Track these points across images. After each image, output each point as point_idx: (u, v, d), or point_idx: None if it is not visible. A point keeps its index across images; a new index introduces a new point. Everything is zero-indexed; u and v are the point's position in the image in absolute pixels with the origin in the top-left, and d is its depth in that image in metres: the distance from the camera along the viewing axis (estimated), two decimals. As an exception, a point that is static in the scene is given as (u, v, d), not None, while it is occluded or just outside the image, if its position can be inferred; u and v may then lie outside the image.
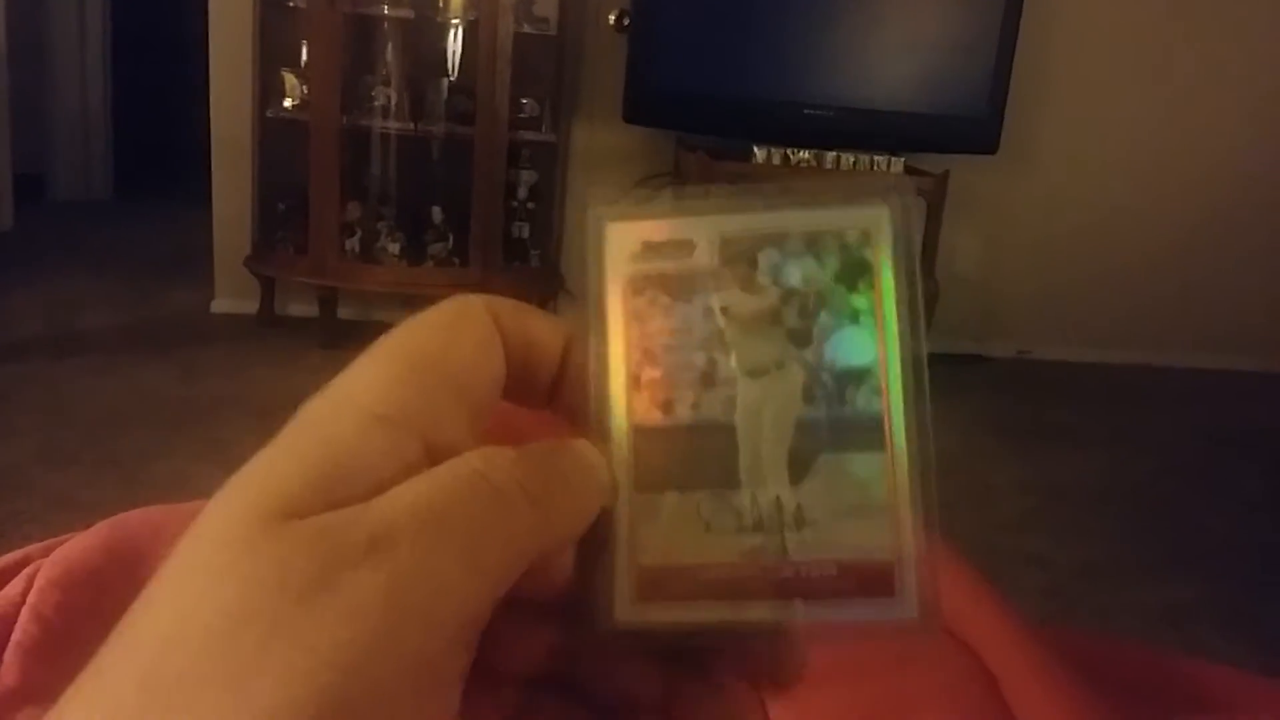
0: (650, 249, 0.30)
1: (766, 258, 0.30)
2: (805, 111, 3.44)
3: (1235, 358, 4.12)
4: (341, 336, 3.48)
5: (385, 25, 3.48)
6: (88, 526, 0.91)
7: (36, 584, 0.75)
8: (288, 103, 3.47)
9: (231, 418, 2.78)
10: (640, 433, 0.30)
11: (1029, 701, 0.64)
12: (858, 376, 0.30)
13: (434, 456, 0.27)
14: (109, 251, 4.52)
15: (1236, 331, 4.14)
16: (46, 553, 0.80)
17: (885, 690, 0.65)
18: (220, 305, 3.75)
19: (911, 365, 0.30)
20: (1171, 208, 4.04)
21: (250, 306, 3.66)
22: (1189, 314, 4.13)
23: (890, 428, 0.30)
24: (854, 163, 3.39)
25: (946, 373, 3.69)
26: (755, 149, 3.37)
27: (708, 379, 0.30)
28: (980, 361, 3.96)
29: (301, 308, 3.65)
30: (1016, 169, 3.84)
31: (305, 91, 3.42)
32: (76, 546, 0.82)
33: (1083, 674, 0.70)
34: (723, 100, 3.45)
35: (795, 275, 0.30)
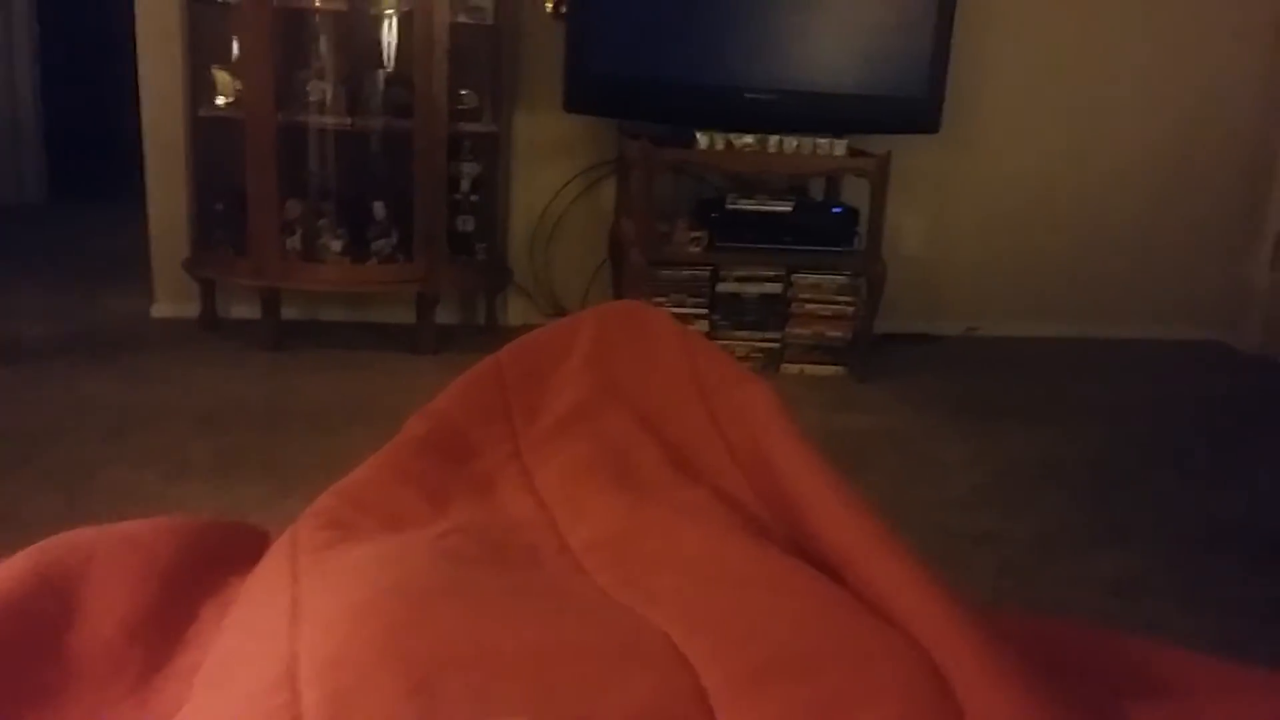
0: None
1: None
2: (747, 96, 3.43)
3: (1182, 329, 4.18)
4: (286, 337, 3.43)
5: (317, 18, 3.42)
6: (23, 547, 0.88)
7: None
8: (220, 100, 3.41)
9: (175, 424, 2.73)
10: None
11: (977, 693, 0.63)
12: None
13: None
14: (44, 257, 4.43)
15: (1183, 303, 4.20)
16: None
17: (834, 687, 0.64)
18: (160, 310, 3.68)
19: None
20: (1116, 181, 4.08)
21: (191, 310, 3.60)
22: (1135, 286, 4.18)
23: None
24: (797, 146, 3.39)
25: (895, 352, 3.70)
26: (698, 135, 3.35)
27: None
28: (929, 340, 3.98)
29: (244, 309, 3.60)
30: (959, 148, 3.86)
31: (238, 88, 3.36)
32: (7, 574, 0.80)
33: (1032, 659, 0.70)
34: (664, 86, 3.43)
35: None
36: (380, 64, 3.47)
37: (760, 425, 0.88)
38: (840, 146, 3.43)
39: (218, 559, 1.09)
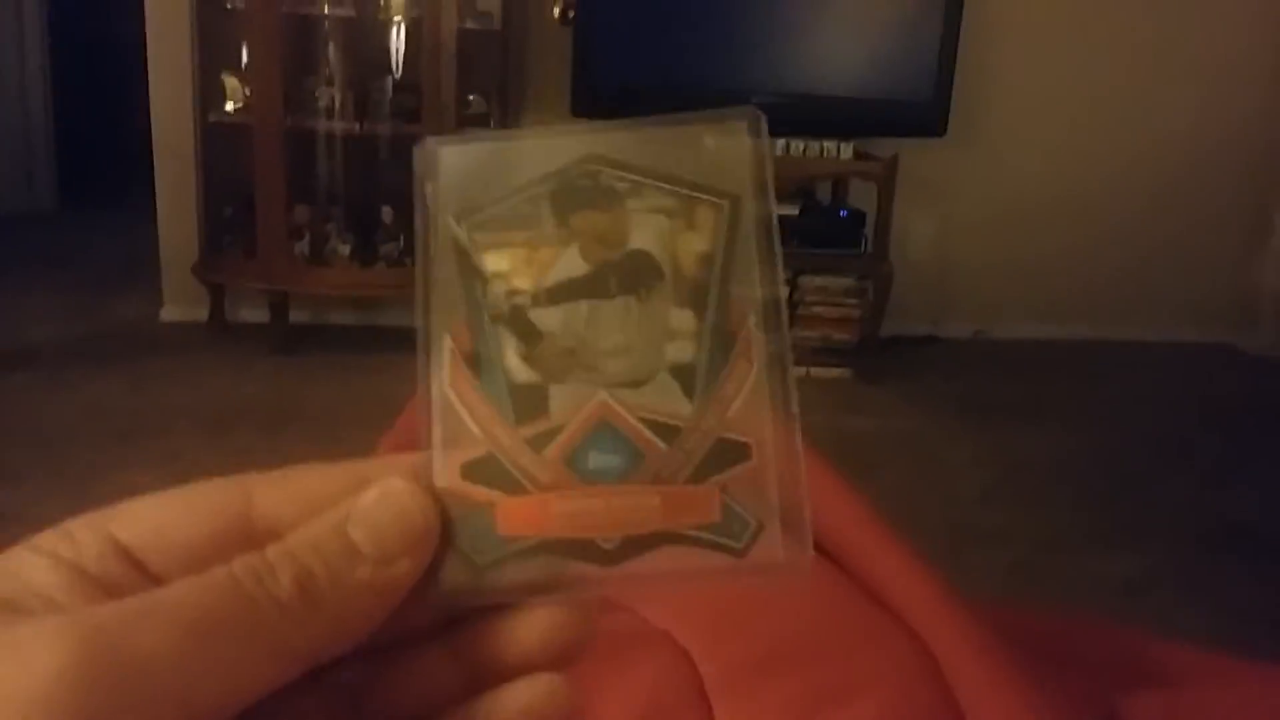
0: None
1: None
2: (754, 100, 3.41)
3: (1190, 330, 4.17)
4: (294, 341, 3.45)
5: (326, 24, 3.44)
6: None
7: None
8: (230, 106, 3.43)
9: (183, 428, 2.74)
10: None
11: (971, 683, 0.64)
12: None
13: None
14: (54, 263, 4.45)
15: (1191, 305, 4.19)
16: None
17: (830, 676, 0.64)
18: (169, 314, 3.70)
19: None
20: (1123, 182, 4.07)
21: (200, 314, 3.61)
22: (1143, 288, 4.17)
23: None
24: (804, 150, 3.40)
25: (902, 354, 3.70)
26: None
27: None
28: (937, 342, 3.98)
29: (252, 313, 3.61)
30: (965, 150, 3.86)
31: (247, 94, 3.37)
32: None
33: (1031, 652, 0.70)
34: (670, 91, 3.44)
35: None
36: (388, 70, 3.49)
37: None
38: (847, 150, 3.43)
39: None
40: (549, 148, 0.30)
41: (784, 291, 0.29)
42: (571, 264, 0.29)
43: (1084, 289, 4.15)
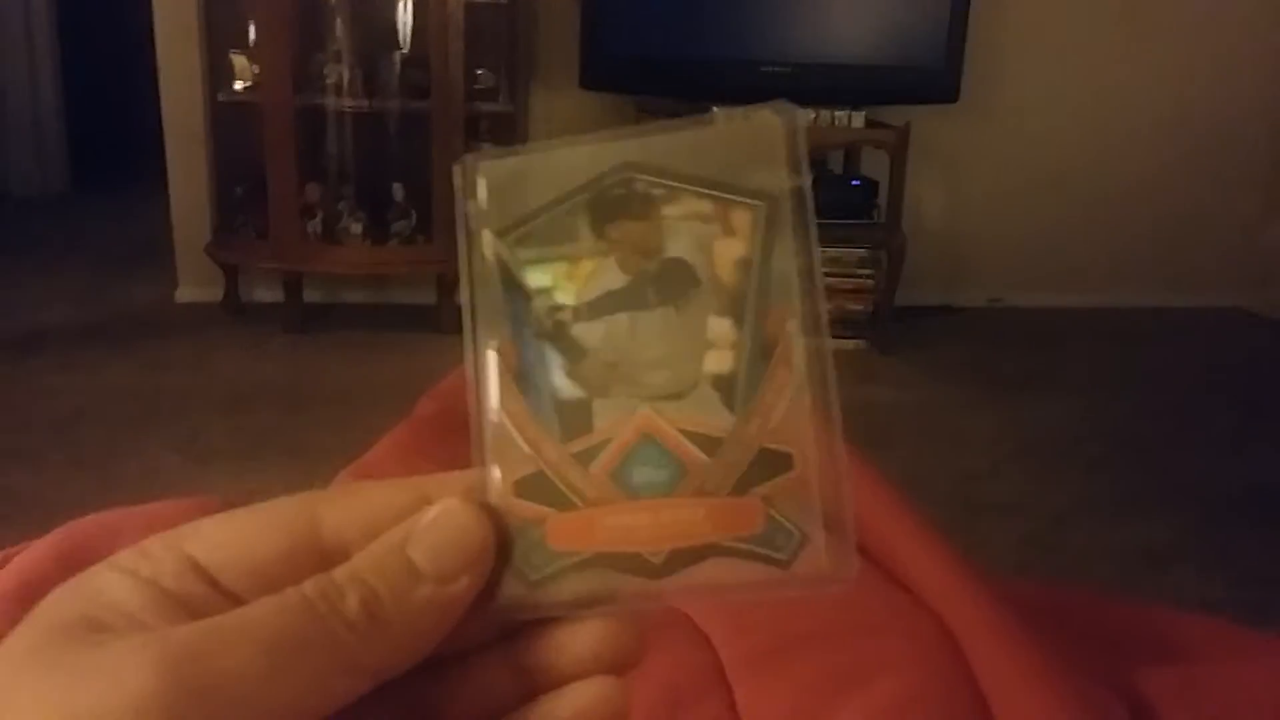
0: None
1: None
2: (763, 69, 3.41)
3: (1206, 296, 4.15)
4: (308, 320, 3.45)
5: (333, 1, 3.43)
6: (51, 529, 0.90)
7: (-13, 597, 0.74)
8: (238, 85, 3.42)
9: (199, 408, 2.75)
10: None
11: (991, 662, 0.64)
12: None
13: None
14: (68, 246, 4.46)
15: (1206, 270, 4.17)
16: (3, 563, 0.79)
17: (849, 658, 0.64)
18: (184, 295, 3.71)
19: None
20: (1138, 149, 4.04)
21: (214, 295, 3.62)
22: (1159, 254, 4.15)
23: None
24: (815, 119, 3.37)
25: (917, 324, 3.69)
26: (715, 110, 3.33)
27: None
28: (951, 312, 3.97)
29: (266, 293, 3.62)
30: (978, 117, 3.83)
31: (256, 73, 3.37)
32: (29, 557, 0.81)
33: (1049, 628, 0.70)
34: (679, 62, 3.42)
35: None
36: (396, 45, 3.48)
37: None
38: (858, 118, 3.41)
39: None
40: (584, 156, 0.30)
41: (824, 295, 0.29)
42: (610, 276, 0.29)
43: (1099, 256, 4.13)
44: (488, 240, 0.30)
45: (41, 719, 0.23)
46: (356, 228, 3.48)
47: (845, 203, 3.49)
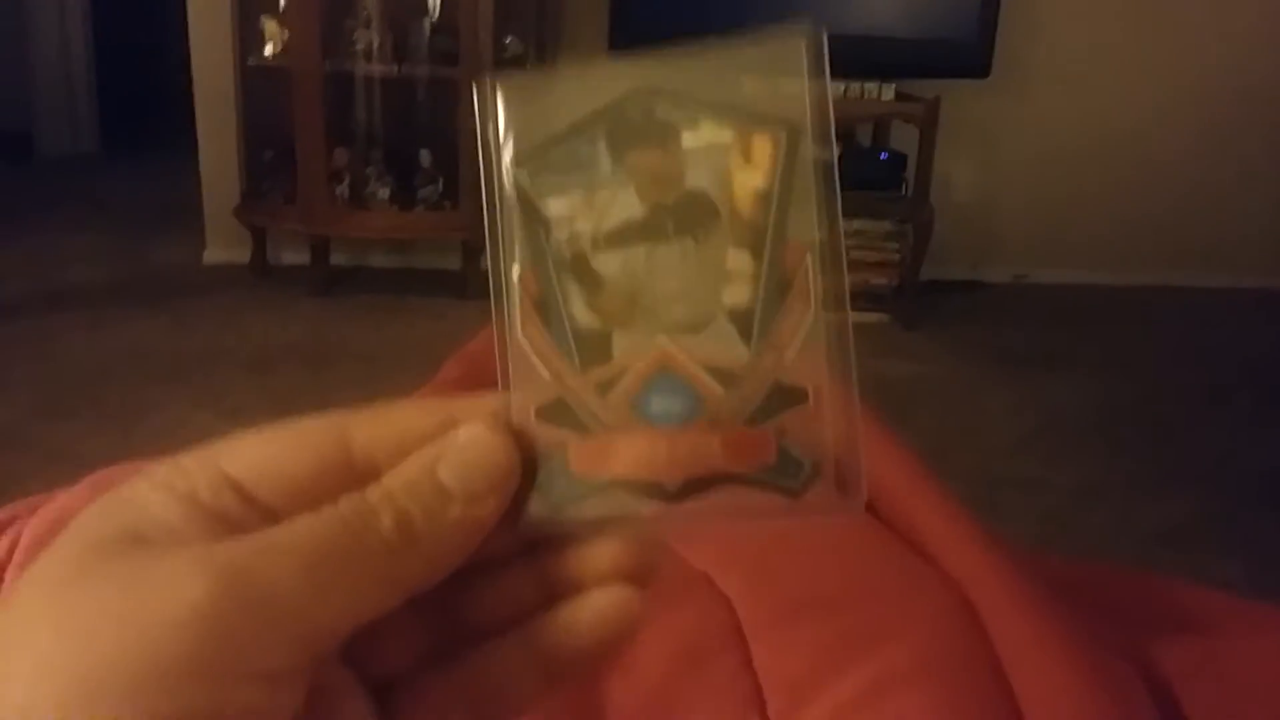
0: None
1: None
2: (793, 40, 3.38)
3: (1233, 275, 4.11)
4: (335, 283, 3.47)
5: (364, -34, 3.42)
6: (76, 484, 0.91)
7: (21, 543, 0.75)
8: (269, 50, 3.43)
9: (225, 368, 2.78)
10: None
11: (1009, 631, 0.65)
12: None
13: None
14: (98, 205, 4.50)
15: (1234, 250, 4.13)
16: (32, 511, 0.80)
17: (865, 620, 0.65)
18: (212, 256, 3.73)
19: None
20: (1167, 126, 4.00)
21: (242, 256, 3.65)
22: (1186, 233, 4.11)
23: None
24: (844, 91, 3.35)
25: (942, 299, 3.68)
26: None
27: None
28: (977, 287, 3.95)
29: (293, 256, 3.64)
30: (1009, 92, 3.80)
31: (286, 38, 3.37)
32: (59, 505, 0.82)
33: (1068, 600, 0.71)
34: (710, 29, 3.36)
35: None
36: (425, 11, 3.47)
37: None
38: (888, 91, 3.38)
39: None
40: (604, 78, 0.30)
41: (842, 231, 0.29)
42: (629, 205, 0.29)
43: (1127, 234, 4.09)
44: (507, 167, 0.30)
45: (104, 627, 0.24)
46: (383, 193, 3.49)
47: (873, 176, 3.47)
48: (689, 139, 0.29)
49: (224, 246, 3.70)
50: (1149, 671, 0.71)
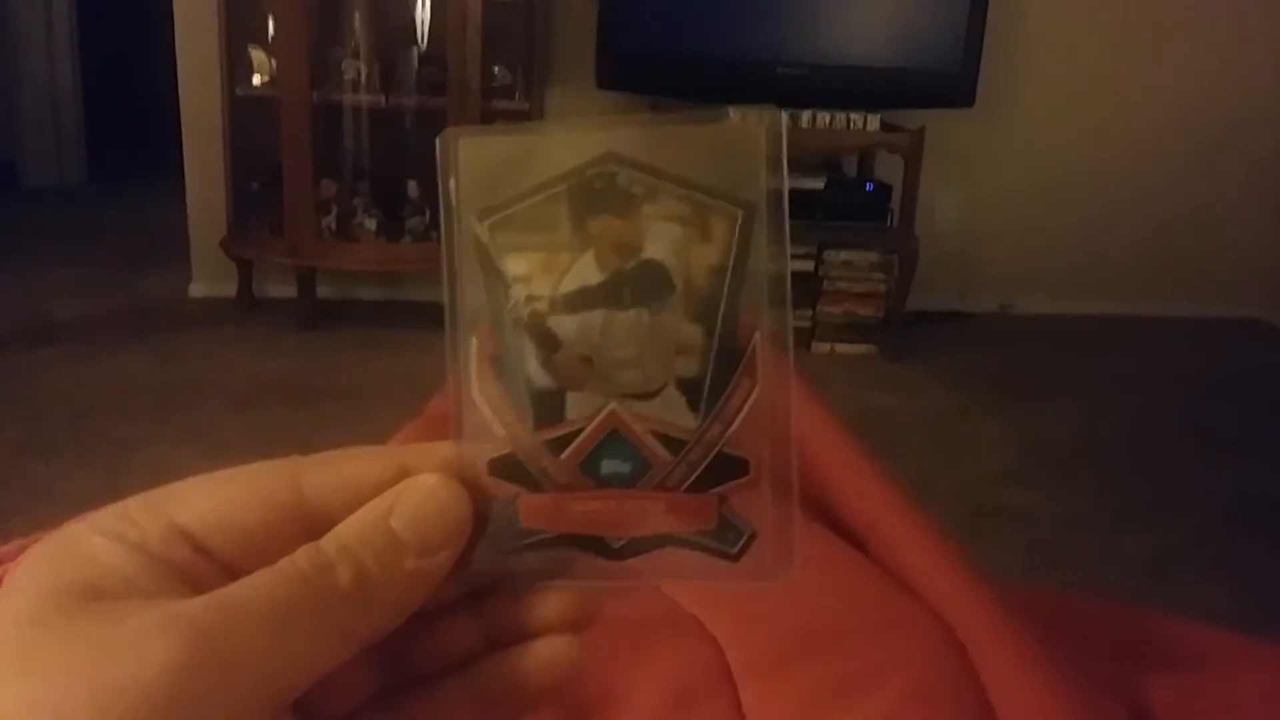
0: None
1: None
2: (779, 70, 3.41)
3: (1216, 305, 4.14)
4: (322, 316, 3.47)
5: (352, -3, 3.44)
6: (59, 523, 0.90)
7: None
8: (256, 79, 3.43)
9: (212, 403, 2.77)
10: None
11: (996, 667, 0.65)
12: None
13: None
14: (83, 237, 4.49)
15: (1217, 279, 4.16)
16: (17, 554, 0.79)
17: (853, 663, 0.65)
18: (198, 289, 3.72)
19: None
20: (1150, 156, 4.04)
21: (228, 289, 3.64)
22: (1169, 263, 4.14)
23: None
24: (830, 121, 3.38)
25: (927, 330, 3.69)
26: (730, 110, 3.33)
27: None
28: (962, 317, 3.97)
29: (280, 288, 3.63)
30: (994, 122, 3.83)
31: (274, 68, 3.38)
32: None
33: (1055, 634, 0.70)
34: (696, 61, 3.43)
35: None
36: (414, 42, 3.49)
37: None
38: (874, 121, 3.41)
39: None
40: (568, 143, 0.31)
41: (790, 311, 0.31)
42: (588, 271, 0.30)
43: (1111, 264, 4.12)
44: (468, 221, 0.30)
45: (73, 691, 0.24)
46: (371, 224, 3.49)
47: (859, 206, 3.49)
48: (649, 210, 0.30)
49: (210, 279, 3.69)
50: (1135, 704, 0.71)
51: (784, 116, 0.30)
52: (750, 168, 0.30)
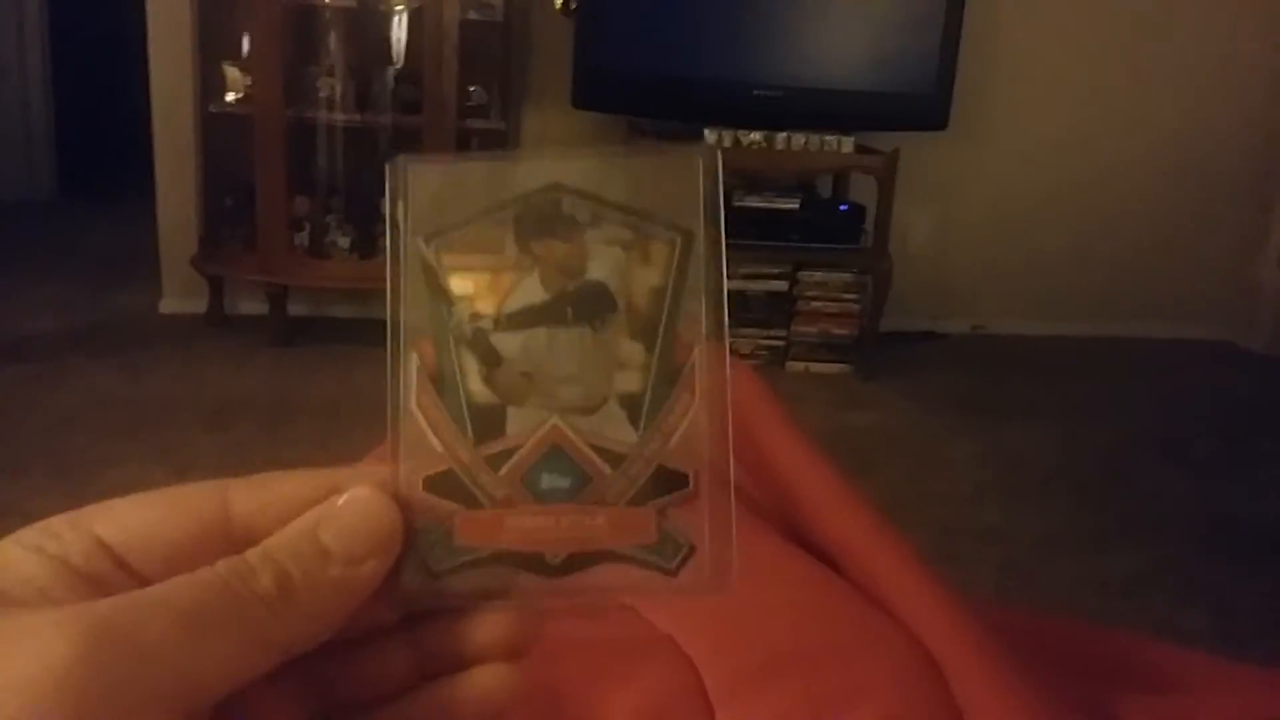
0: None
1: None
2: (755, 93, 3.43)
3: (1191, 328, 4.17)
4: (293, 334, 3.45)
5: (327, 14, 3.44)
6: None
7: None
8: (230, 96, 3.42)
9: (182, 420, 2.74)
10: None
11: (971, 688, 0.64)
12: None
13: None
14: (54, 253, 4.45)
15: (1191, 302, 4.20)
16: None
17: (829, 683, 0.65)
18: (168, 305, 3.70)
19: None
20: (1123, 178, 4.08)
21: (199, 306, 3.61)
22: (1141, 285, 4.18)
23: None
24: (805, 143, 3.39)
25: (901, 350, 3.70)
26: (706, 131, 3.36)
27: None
28: (935, 338, 3.98)
29: (251, 305, 3.61)
30: (967, 145, 3.86)
31: (248, 84, 3.37)
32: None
33: (1030, 657, 0.70)
34: (672, 82, 3.44)
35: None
36: (390, 60, 3.49)
37: (749, 408, 0.89)
38: (848, 143, 3.42)
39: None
40: (515, 172, 0.32)
41: (727, 329, 0.31)
42: (532, 290, 0.31)
43: (1083, 285, 4.15)
44: (414, 243, 0.31)
45: None
46: (344, 241, 3.47)
47: (832, 227, 3.51)
48: (593, 235, 0.31)
49: (181, 295, 3.67)
50: (1111, 728, 0.71)
51: (718, 153, 0.31)
52: (689, 197, 0.31)
